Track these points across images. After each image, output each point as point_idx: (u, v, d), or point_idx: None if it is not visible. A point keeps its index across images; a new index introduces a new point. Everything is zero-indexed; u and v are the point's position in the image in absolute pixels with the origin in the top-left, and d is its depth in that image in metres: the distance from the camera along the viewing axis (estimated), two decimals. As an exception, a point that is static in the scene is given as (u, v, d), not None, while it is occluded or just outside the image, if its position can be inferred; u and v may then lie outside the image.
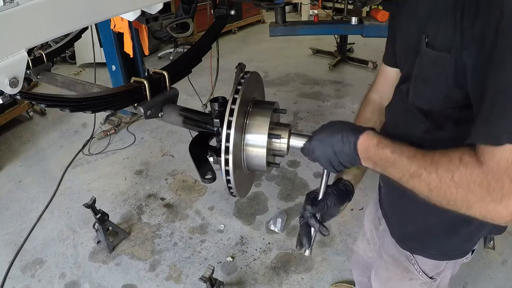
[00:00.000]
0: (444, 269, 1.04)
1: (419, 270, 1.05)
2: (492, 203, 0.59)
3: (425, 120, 0.83)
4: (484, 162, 0.60)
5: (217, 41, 1.71)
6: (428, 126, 0.83)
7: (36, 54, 1.59)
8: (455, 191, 0.63)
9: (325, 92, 4.29)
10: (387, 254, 1.13)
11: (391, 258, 1.12)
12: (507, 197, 0.58)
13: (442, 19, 0.71)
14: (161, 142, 3.44)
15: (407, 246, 1.04)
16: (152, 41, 5.23)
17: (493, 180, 0.59)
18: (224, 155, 0.82)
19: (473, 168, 0.61)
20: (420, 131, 0.84)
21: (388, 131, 1.00)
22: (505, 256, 2.14)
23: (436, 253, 1.01)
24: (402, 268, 1.08)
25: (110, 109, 0.96)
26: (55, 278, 2.15)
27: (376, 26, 3.70)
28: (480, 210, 0.62)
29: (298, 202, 2.63)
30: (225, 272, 2.14)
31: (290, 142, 0.89)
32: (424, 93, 0.82)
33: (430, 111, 0.82)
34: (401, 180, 0.71)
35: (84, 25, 0.80)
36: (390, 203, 1.11)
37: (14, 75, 0.66)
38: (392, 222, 1.10)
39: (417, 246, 1.02)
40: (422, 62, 0.79)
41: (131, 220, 2.54)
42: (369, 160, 0.76)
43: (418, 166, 0.68)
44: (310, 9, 6.89)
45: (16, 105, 3.61)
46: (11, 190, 2.89)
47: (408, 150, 0.71)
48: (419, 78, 0.83)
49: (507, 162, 0.57)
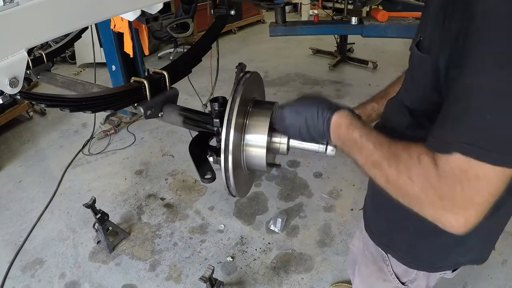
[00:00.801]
0: (417, 278, 1.01)
1: (391, 272, 1.04)
2: (442, 210, 0.59)
3: (408, 116, 0.83)
4: (439, 166, 0.58)
5: (217, 41, 1.71)
6: (410, 123, 0.83)
7: (36, 54, 1.59)
8: (410, 189, 0.62)
9: (325, 92, 4.28)
10: (368, 250, 1.13)
11: (371, 255, 1.12)
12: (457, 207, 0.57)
13: (432, 19, 0.70)
14: (161, 142, 3.44)
15: (378, 241, 1.04)
16: (152, 41, 5.23)
17: (445, 186, 0.58)
18: (224, 155, 0.82)
19: (429, 169, 0.60)
20: (403, 126, 0.85)
21: (379, 123, 1.02)
22: (505, 256, 2.14)
23: (404, 256, 0.98)
24: (377, 267, 1.08)
25: (110, 109, 0.96)
26: (55, 278, 2.15)
27: (376, 26, 3.69)
28: (431, 213, 0.61)
29: (298, 202, 2.63)
30: (225, 272, 2.14)
31: (290, 142, 0.89)
32: (410, 92, 0.84)
33: (413, 109, 0.82)
34: (364, 166, 0.72)
35: (84, 25, 0.80)
36: (370, 196, 1.12)
37: (14, 75, 0.67)
38: (370, 215, 1.10)
39: (386, 242, 1.02)
40: (412, 61, 0.80)
41: (131, 220, 2.54)
42: (339, 139, 0.77)
43: (380, 156, 0.68)
44: (310, 9, 6.89)
45: (16, 105, 3.60)
46: (11, 190, 2.89)
47: (376, 137, 0.71)
48: (409, 76, 0.85)
49: (460, 170, 0.56)
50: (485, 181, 0.55)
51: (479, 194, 0.56)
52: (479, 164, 0.55)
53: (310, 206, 2.58)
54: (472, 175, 0.55)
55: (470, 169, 0.55)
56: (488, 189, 0.56)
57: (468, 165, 0.55)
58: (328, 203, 2.59)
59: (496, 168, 0.54)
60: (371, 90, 4.18)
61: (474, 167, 0.55)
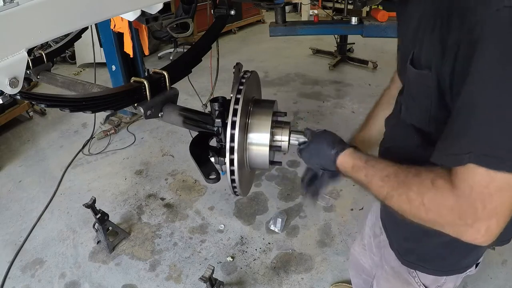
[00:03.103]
0: (446, 282, 1.01)
1: (420, 283, 1.02)
2: (464, 227, 0.58)
3: (417, 135, 0.81)
4: (456, 186, 0.57)
5: (217, 41, 1.71)
6: (421, 141, 0.80)
7: (36, 54, 1.59)
8: (425, 214, 0.61)
9: (325, 92, 4.29)
10: (388, 265, 1.11)
11: (392, 270, 1.10)
12: (479, 221, 0.56)
13: (426, 32, 0.67)
14: (161, 142, 3.44)
15: (406, 261, 1.02)
16: (152, 41, 5.23)
17: (465, 205, 0.56)
18: (229, 155, 0.82)
19: (444, 192, 0.58)
20: (414, 146, 0.82)
21: (385, 143, 1.01)
22: (505, 256, 2.14)
23: (436, 269, 0.98)
24: (403, 280, 1.06)
25: (110, 109, 0.96)
26: (55, 278, 2.15)
27: (376, 26, 3.70)
28: (452, 231, 0.60)
29: (298, 202, 2.63)
30: (225, 272, 2.14)
31: (291, 140, 0.91)
32: (414, 111, 0.81)
33: (420, 128, 0.80)
34: (378, 199, 0.72)
35: (84, 25, 0.80)
36: (389, 216, 1.09)
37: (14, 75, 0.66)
38: (392, 235, 1.08)
39: (416, 261, 1.00)
40: (408, 80, 0.77)
41: (131, 220, 2.54)
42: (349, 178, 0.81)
43: (390, 188, 0.67)
44: (310, 9, 6.89)
45: (16, 105, 3.60)
46: (11, 190, 2.89)
47: (381, 171, 0.71)
48: (407, 95, 0.82)
49: (480, 186, 0.54)
50: (508, 190, 0.53)
51: (503, 205, 0.54)
52: (499, 174, 0.53)
53: (310, 206, 2.58)
54: (494, 188, 0.53)
55: (491, 182, 0.53)
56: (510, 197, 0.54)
57: (489, 178, 0.53)
58: (328, 203, 2.59)
59: None
60: (371, 90, 4.17)
61: (495, 179, 0.53)
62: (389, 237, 1.09)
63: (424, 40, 0.68)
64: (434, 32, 0.64)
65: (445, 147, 0.60)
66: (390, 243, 1.08)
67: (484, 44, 0.53)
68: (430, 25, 0.66)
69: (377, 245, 1.23)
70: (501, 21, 0.52)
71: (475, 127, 0.55)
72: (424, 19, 0.68)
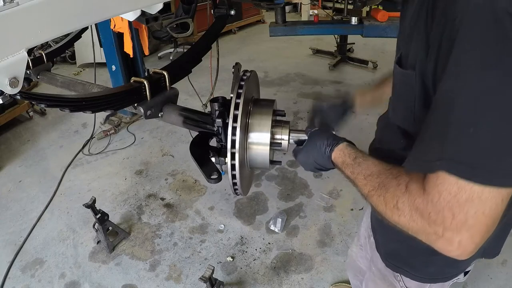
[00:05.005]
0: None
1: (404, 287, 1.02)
2: (434, 235, 0.55)
3: (403, 137, 0.79)
4: (427, 191, 0.54)
5: (217, 41, 1.71)
6: (405, 145, 0.79)
7: (36, 54, 1.58)
8: (398, 218, 0.60)
9: (325, 92, 4.29)
10: (375, 267, 1.11)
11: (379, 272, 1.09)
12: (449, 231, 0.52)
13: (413, 32, 0.65)
14: (161, 142, 3.44)
15: (391, 264, 1.01)
16: (152, 41, 5.23)
17: (433, 212, 0.53)
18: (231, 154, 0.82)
19: (416, 196, 0.56)
20: (400, 148, 0.80)
21: (374, 144, 1.00)
22: (505, 256, 2.13)
23: (419, 276, 0.96)
24: (388, 283, 1.06)
25: (110, 109, 0.96)
26: (55, 278, 2.15)
27: (376, 26, 3.70)
28: (424, 239, 0.58)
29: (298, 202, 2.63)
30: (225, 272, 2.14)
31: (290, 139, 0.92)
32: (399, 112, 0.80)
33: (405, 130, 0.78)
34: (363, 196, 0.72)
35: (84, 25, 0.80)
36: (376, 218, 1.08)
37: (14, 75, 0.66)
38: (379, 237, 1.07)
39: (400, 265, 0.99)
40: (395, 79, 0.76)
41: (131, 220, 2.54)
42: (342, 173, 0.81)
43: (371, 187, 0.67)
44: (310, 9, 6.91)
45: (16, 105, 3.61)
46: (11, 190, 2.89)
47: (366, 169, 0.71)
48: (394, 96, 0.81)
49: (449, 195, 0.51)
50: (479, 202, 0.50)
51: (474, 218, 0.50)
52: (470, 185, 0.49)
53: (310, 206, 2.58)
54: (464, 198, 0.50)
55: (460, 192, 0.50)
56: (483, 211, 0.50)
57: (458, 188, 0.50)
58: (328, 203, 2.59)
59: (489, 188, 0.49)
60: (371, 90, 4.17)
61: (465, 189, 0.50)
62: (376, 239, 1.09)
63: (413, 39, 0.66)
64: (420, 29, 0.62)
65: (417, 152, 0.58)
66: (377, 244, 1.07)
67: (461, 41, 0.50)
68: (418, 22, 0.63)
69: (371, 246, 1.23)
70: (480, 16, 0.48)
71: (447, 133, 0.51)
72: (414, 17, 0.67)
